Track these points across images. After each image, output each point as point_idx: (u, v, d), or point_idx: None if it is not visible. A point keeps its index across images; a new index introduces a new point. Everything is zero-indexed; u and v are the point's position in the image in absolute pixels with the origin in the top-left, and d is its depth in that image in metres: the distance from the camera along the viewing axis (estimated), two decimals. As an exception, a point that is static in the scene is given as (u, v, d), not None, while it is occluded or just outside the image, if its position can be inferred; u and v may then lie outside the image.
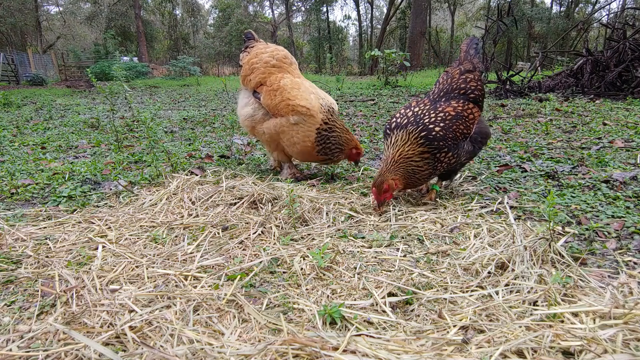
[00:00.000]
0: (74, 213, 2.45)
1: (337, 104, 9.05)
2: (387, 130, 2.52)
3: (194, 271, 1.74)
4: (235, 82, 15.97)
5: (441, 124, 2.38)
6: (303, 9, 44.71)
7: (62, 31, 39.75)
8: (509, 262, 1.71)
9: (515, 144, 4.06)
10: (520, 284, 1.57)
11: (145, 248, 1.98)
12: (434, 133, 2.35)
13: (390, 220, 2.27)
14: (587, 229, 2.06)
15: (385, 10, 41.99)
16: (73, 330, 1.32)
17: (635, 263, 1.73)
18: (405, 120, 2.45)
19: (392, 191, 2.36)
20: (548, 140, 4.22)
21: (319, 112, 2.91)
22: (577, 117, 5.60)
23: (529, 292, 1.53)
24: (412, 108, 2.52)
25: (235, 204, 2.47)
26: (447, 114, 2.42)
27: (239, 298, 1.52)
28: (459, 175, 3.10)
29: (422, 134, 2.36)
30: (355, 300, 1.53)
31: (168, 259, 1.87)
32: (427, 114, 2.44)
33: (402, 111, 2.54)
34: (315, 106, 2.92)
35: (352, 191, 2.77)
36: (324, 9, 41.78)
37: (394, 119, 2.53)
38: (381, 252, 1.92)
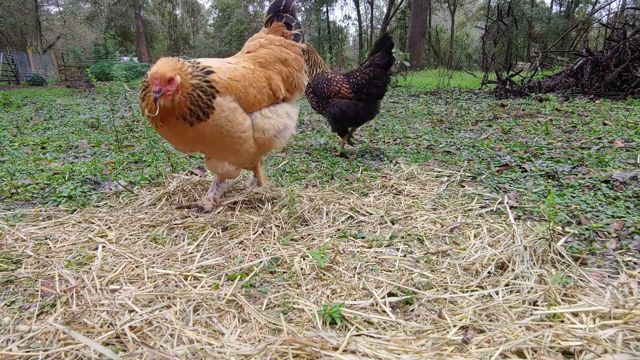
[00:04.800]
0: (74, 213, 2.45)
1: (377, 112, 9.21)
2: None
3: (194, 271, 1.74)
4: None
5: (320, 74, 3.90)
6: (303, 9, 44.69)
7: (62, 31, 39.74)
8: (509, 262, 1.71)
9: (515, 144, 4.06)
10: (520, 284, 1.57)
11: (145, 248, 1.98)
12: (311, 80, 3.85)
13: (389, 223, 2.27)
14: (587, 229, 2.06)
15: (385, 10, 41.97)
16: (73, 330, 1.32)
17: (635, 263, 1.73)
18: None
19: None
20: (548, 140, 4.22)
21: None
22: (577, 117, 5.60)
23: (529, 292, 1.53)
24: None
25: (235, 203, 2.47)
26: (326, 76, 3.84)
27: (239, 298, 1.52)
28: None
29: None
30: (355, 300, 1.53)
31: (168, 259, 1.86)
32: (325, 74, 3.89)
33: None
34: None
35: (352, 191, 2.77)
36: (324, 9, 41.79)
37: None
38: (381, 252, 1.92)
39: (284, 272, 1.75)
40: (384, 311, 1.46)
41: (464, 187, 2.82)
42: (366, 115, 3.83)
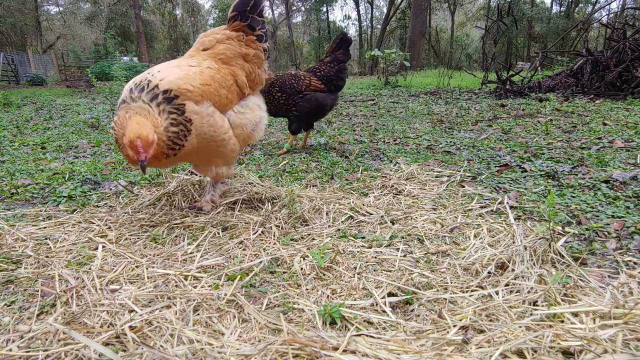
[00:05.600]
0: (74, 213, 2.45)
1: (337, 103, 9.06)
2: None
3: (194, 271, 1.74)
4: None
5: (281, 74, 4.01)
6: (303, 9, 44.72)
7: (62, 31, 39.74)
8: (509, 262, 1.71)
9: (515, 144, 4.06)
10: (520, 284, 1.57)
11: (145, 248, 1.98)
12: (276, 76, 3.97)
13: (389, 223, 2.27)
14: (587, 229, 2.06)
15: (385, 10, 41.98)
16: (73, 330, 1.32)
17: (635, 263, 1.73)
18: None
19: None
20: (548, 140, 4.23)
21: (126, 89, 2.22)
22: (577, 117, 5.60)
23: (529, 292, 1.53)
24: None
25: (235, 203, 2.47)
26: (290, 73, 4.02)
27: (239, 298, 1.52)
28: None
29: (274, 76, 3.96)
30: (355, 300, 1.53)
31: (168, 259, 1.87)
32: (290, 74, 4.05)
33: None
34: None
35: (352, 191, 2.77)
36: (324, 9, 41.80)
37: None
38: (381, 252, 1.92)
39: (284, 272, 1.75)
40: (384, 311, 1.46)
41: (464, 187, 2.82)
42: (332, 106, 4.15)
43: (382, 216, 2.31)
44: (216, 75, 2.22)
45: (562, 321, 1.34)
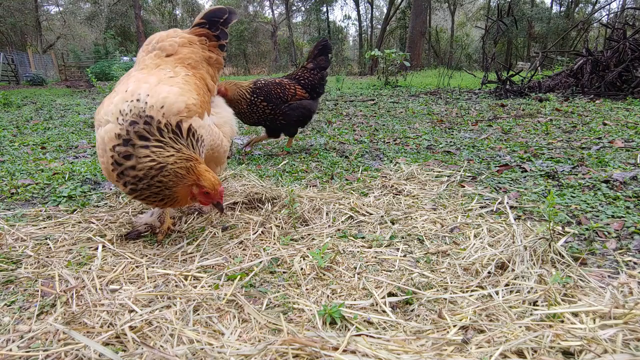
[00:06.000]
0: (74, 213, 2.45)
1: (337, 103, 8.89)
2: None
3: (194, 271, 1.74)
4: (235, 82, 15.93)
5: (263, 82, 3.90)
6: (303, 9, 44.72)
7: (62, 31, 39.75)
8: (509, 262, 1.71)
9: (515, 144, 4.06)
10: (520, 284, 1.57)
11: (145, 248, 1.98)
12: (258, 84, 3.86)
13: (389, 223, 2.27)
14: (587, 229, 2.06)
15: (385, 10, 42.00)
16: (73, 330, 1.32)
17: (635, 263, 1.73)
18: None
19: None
20: (548, 140, 4.23)
21: (111, 122, 1.82)
22: (577, 117, 5.60)
23: (529, 292, 1.53)
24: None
25: (235, 203, 2.47)
26: (274, 82, 3.93)
27: (239, 298, 1.52)
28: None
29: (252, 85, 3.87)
30: (355, 300, 1.53)
31: (168, 259, 1.87)
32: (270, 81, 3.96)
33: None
34: (105, 114, 1.87)
35: (352, 191, 2.77)
36: (324, 9, 41.81)
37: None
38: (381, 252, 1.92)
39: (284, 272, 1.75)
40: (384, 311, 1.46)
41: (464, 187, 2.82)
42: (315, 112, 4.16)
43: (382, 216, 2.31)
44: (198, 83, 2.17)
45: (562, 321, 1.34)
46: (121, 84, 2.04)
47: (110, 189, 2.90)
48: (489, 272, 1.68)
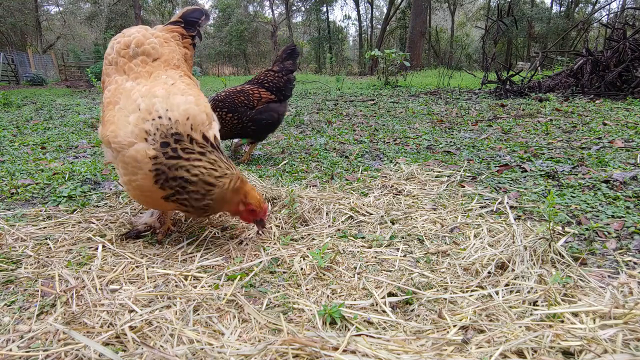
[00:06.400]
0: (74, 213, 2.45)
1: (337, 103, 8.89)
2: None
3: (194, 271, 1.74)
4: (235, 82, 15.97)
5: (224, 94, 3.75)
6: (303, 9, 44.75)
7: (62, 31, 39.75)
8: (509, 262, 1.71)
9: (515, 144, 4.06)
10: (520, 284, 1.57)
11: (145, 248, 1.98)
12: (219, 97, 3.72)
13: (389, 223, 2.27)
14: (587, 229, 2.06)
15: (385, 10, 42.02)
16: (73, 330, 1.32)
17: (635, 263, 1.73)
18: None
19: None
20: (548, 140, 4.23)
21: (139, 142, 1.77)
22: (577, 117, 5.60)
23: (529, 292, 1.53)
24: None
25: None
26: (236, 90, 3.80)
27: (239, 298, 1.52)
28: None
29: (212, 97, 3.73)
30: (355, 300, 1.53)
31: (168, 259, 1.87)
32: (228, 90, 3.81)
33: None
34: (126, 135, 1.79)
35: (352, 191, 2.77)
36: (324, 9, 41.83)
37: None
38: (381, 252, 1.92)
39: (284, 272, 1.75)
40: (384, 311, 1.46)
41: (464, 187, 2.82)
42: (284, 114, 4.07)
43: (382, 216, 2.31)
44: (192, 84, 2.13)
45: (562, 321, 1.34)
46: (121, 96, 1.92)
47: (110, 189, 2.90)
48: (489, 272, 1.68)
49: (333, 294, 1.58)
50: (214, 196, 1.82)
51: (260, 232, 2.08)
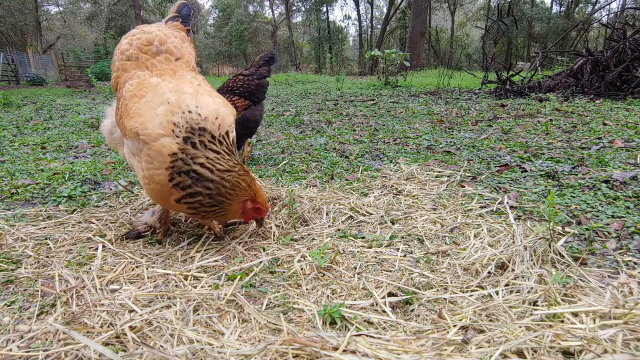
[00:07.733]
0: (74, 213, 2.45)
1: (337, 103, 8.91)
2: None
3: (194, 271, 1.74)
4: (235, 82, 15.93)
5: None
6: (303, 9, 44.75)
7: (62, 31, 39.75)
8: (509, 262, 1.71)
9: (515, 144, 4.06)
10: (520, 284, 1.57)
11: (145, 248, 1.98)
12: None
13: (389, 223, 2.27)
14: (587, 229, 2.06)
15: (385, 10, 42.03)
16: (73, 330, 1.32)
17: (635, 263, 1.73)
18: None
19: None
20: (548, 140, 4.22)
21: (166, 135, 1.77)
22: (577, 117, 5.60)
23: (529, 292, 1.53)
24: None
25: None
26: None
27: (239, 298, 1.52)
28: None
29: None
30: (355, 300, 1.53)
31: (168, 259, 1.87)
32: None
33: None
34: (154, 127, 1.78)
35: (352, 191, 2.77)
36: (324, 9, 41.84)
37: None
38: (381, 252, 1.92)
39: (284, 272, 1.75)
40: (384, 311, 1.46)
41: (464, 187, 2.82)
42: (262, 116, 4.03)
43: (382, 216, 2.31)
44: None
45: (562, 321, 1.34)
46: (147, 90, 1.90)
47: (110, 189, 2.90)
48: (489, 272, 1.68)
49: (333, 294, 1.58)
50: (229, 184, 1.81)
51: (258, 230, 2.09)
